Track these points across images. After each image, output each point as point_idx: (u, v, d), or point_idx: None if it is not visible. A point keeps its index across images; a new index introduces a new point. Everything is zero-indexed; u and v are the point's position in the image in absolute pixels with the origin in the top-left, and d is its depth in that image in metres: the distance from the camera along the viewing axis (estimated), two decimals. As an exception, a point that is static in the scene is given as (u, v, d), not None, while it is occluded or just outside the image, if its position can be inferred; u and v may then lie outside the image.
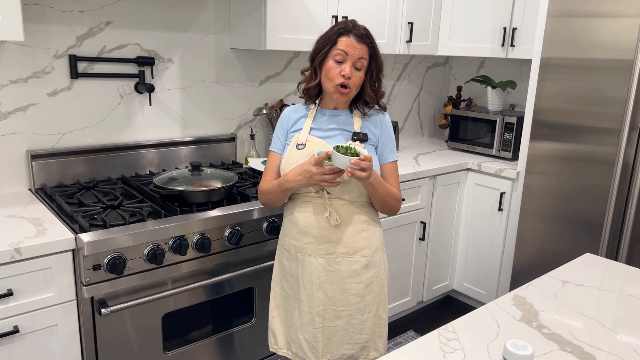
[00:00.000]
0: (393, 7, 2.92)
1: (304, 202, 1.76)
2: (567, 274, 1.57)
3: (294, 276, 1.80)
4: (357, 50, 1.67)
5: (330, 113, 1.79)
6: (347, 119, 1.78)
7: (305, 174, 1.62)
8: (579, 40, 2.56)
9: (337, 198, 1.72)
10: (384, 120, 1.81)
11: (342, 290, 1.73)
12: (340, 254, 1.72)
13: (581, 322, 1.29)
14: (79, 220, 1.78)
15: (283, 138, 1.84)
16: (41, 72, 2.12)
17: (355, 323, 1.74)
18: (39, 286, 1.65)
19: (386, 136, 1.80)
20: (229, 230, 1.99)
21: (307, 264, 1.75)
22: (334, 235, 1.72)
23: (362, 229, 1.73)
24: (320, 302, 1.74)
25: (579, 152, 2.62)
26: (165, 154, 2.51)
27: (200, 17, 2.52)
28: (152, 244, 1.80)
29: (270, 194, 1.79)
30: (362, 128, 1.76)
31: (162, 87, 2.47)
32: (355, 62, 1.67)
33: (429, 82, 3.80)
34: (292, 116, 1.84)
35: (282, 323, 1.87)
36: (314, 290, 1.74)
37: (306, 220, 1.74)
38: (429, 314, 3.27)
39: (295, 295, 1.79)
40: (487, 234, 3.11)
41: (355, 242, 1.72)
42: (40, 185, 2.16)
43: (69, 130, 2.23)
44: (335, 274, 1.73)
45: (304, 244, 1.75)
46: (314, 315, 1.75)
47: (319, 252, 1.73)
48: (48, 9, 2.09)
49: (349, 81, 1.68)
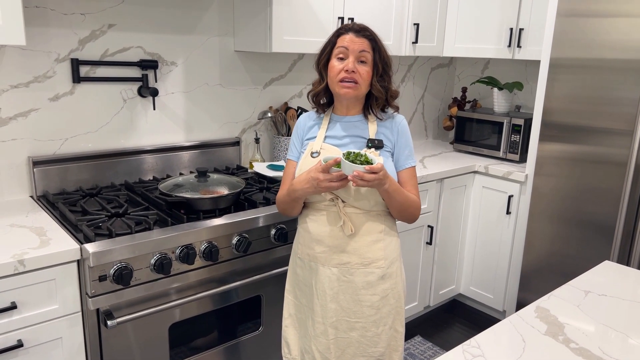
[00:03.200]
0: (399, 8, 2.87)
1: (317, 211, 1.71)
2: (588, 283, 1.53)
3: (307, 285, 1.75)
4: (357, 44, 1.63)
5: (343, 119, 1.74)
6: (362, 125, 1.73)
7: (312, 182, 1.57)
8: (589, 40, 2.52)
9: (351, 207, 1.67)
10: (400, 125, 1.74)
11: (356, 302, 1.68)
12: (354, 265, 1.67)
13: (608, 335, 1.25)
14: (83, 229, 1.73)
15: (299, 145, 1.80)
16: (42, 76, 2.06)
17: (370, 336, 1.69)
18: (43, 298, 1.60)
19: (403, 141, 1.73)
20: (236, 238, 1.95)
21: (320, 273, 1.70)
22: (348, 245, 1.67)
23: (378, 239, 1.68)
24: (333, 313, 1.69)
25: (589, 153, 2.58)
26: (168, 159, 2.45)
27: (204, 19, 2.46)
28: (159, 254, 1.75)
29: (284, 203, 1.75)
30: (377, 134, 1.71)
31: (166, 90, 2.41)
32: (358, 56, 1.63)
33: (434, 84, 3.76)
34: (306, 123, 1.80)
35: (296, 333, 1.82)
36: (328, 300, 1.69)
37: (320, 229, 1.69)
38: (435, 318, 3.23)
39: (309, 305, 1.75)
40: (495, 238, 3.07)
41: (370, 252, 1.67)
42: (42, 193, 2.11)
43: (71, 136, 2.18)
44: (349, 284, 1.68)
45: (317, 253, 1.70)
46: (327, 326, 1.70)
47: (333, 261, 1.68)
48: (49, 11, 2.03)
49: (355, 75, 1.63)
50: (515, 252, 2.99)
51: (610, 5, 2.42)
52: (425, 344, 2.92)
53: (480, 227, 3.13)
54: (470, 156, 3.30)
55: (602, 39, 2.48)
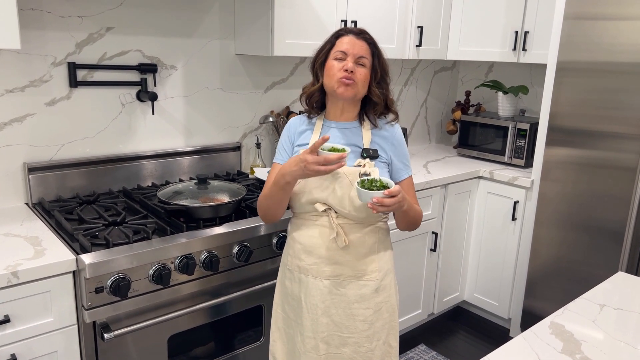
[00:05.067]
0: (402, 11, 2.82)
1: (309, 221, 1.64)
2: (603, 296, 1.48)
3: (295, 299, 1.68)
4: (356, 47, 1.58)
5: (337, 125, 1.67)
6: (356, 132, 1.66)
7: (300, 164, 1.45)
8: (596, 43, 2.47)
9: (344, 218, 1.61)
10: (395, 135, 1.69)
11: (349, 316, 1.61)
12: (347, 277, 1.61)
13: (627, 354, 1.19)
14: (79, 239, 1.68)
15: (289, 149, 1.71)
16: (39, 80, 2.01)
17: (364, 351, 1.63)
18: (37, 311, 1.55)
19: (399, 152, 1.68)
20: (237, 247, 1.89)
21: (311, 286, 1.63)
22: (341, 257, 1.60)
23: (372, 250, 1.62)
24: (325, 328, 1.62)
25: (597, 158, 2.53)
26: (168, 164, 2.40)
27: (205, 22, 2.41)
28: (158, 264, 1.70)
29: (268, 198, 1.62)
30: (371, 143, 1.64)
31: (165, 95, 2.36)
32: (357, 60, 1.58)
33: (437, 87, 3.71)
34: (297, 127, 1.72)
35: (284, 348, 1.75)
36: (319, 314, 1.62)
37: (312, 240, 1.63)
38: (439, 326, 3.17)
39: (298, 320, 1.67)
40: (500, 244, 3.02)
41: (363, 264, 1.61)
42: (37, 200, 2.06)
43: (67, 141, 2.13)
44: (341, 298, 1.61)
45: (308, 265, 1.63)
46: (319, 341, 1.63)
47: (324, 274, 1.61)
48: (46, 14, 1.98)
49: (353, 75, 1.56)
50: (521, 258, 2.93)
51: (618, 8, 2.38)
52: (429, 353, 2.86)
53: (485, 233, 3.08)
54: (475, 161, 3.25)
55: (610, 42, 2.43)
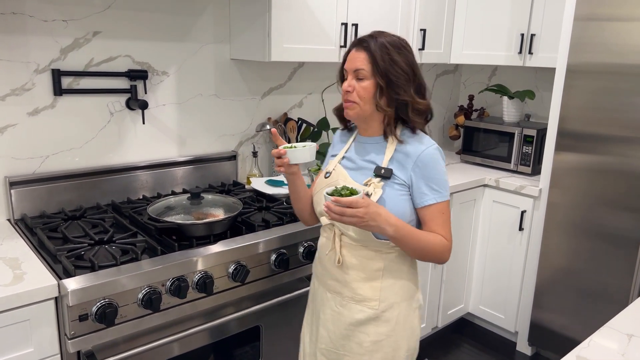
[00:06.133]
0: (405, 14, 2.71)
1: (323, 230, 1.62)
2: (630, 325, 1.36)
3: (312, 300, 1.70)
4: (354, 61, 1.46)
5: (365, 140, 1.58)
6: (379, 147, 1.53)
7: None
8: (608, 45, 2.37)
9: (345, 236, 1.51)
10: (421, 155, 1.45)
11: (345, 336, 1.55)
12: (346, 297, 1.53)
13: (662, 392, 1.08)
14: (62, 261, 1.55)
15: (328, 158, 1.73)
16: (20, 88, 1.89)
17: None
18: (16, 341, 1.42)
19: (424, 174, 1.45)
20: (233, 266, 1.77)
21: (320, 293, 1.62)
22: (340, 276, 1.53)
23: (374, 277, 1.50)
24: (323, 340, 1.61)
25: (609, 163, 2.43)
26: (160, 175, 2.28)
27: (198, 25, 2.29)
28: (148, 287, 1.58)
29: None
30: (391, 160, 1.49)
31: (156, 102, 2.24)
32: (356, 74, 1.46)
33: (439, 91, 3.60)
34: (338, 138, 1.71)
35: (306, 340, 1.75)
36: (320, 324, 1.61)
37: (322, 249, 1.62)
38: (443, 339, 3.06)
39: (309, 320, 1.71)
40: (506, 255, 2.91)
41: (361, 289, 1.50)
42: (20, 216, 1.93)
43: (52, 153, 2.00)
44: (339, 316, 1.55)
45: (318, 272, 1.64)
46: (317, 351, 1.64)
47: (329, 286, 1.58)
48: (28, 18, 1.86)
49: (350, 95, 1.47)
50: (529, 270, 2.82)
51: (629, 9, 2.28)
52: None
53: (491, 243, 2.97)
54: (479, 168, 3.14)
55: (622, 44, 2.33)
